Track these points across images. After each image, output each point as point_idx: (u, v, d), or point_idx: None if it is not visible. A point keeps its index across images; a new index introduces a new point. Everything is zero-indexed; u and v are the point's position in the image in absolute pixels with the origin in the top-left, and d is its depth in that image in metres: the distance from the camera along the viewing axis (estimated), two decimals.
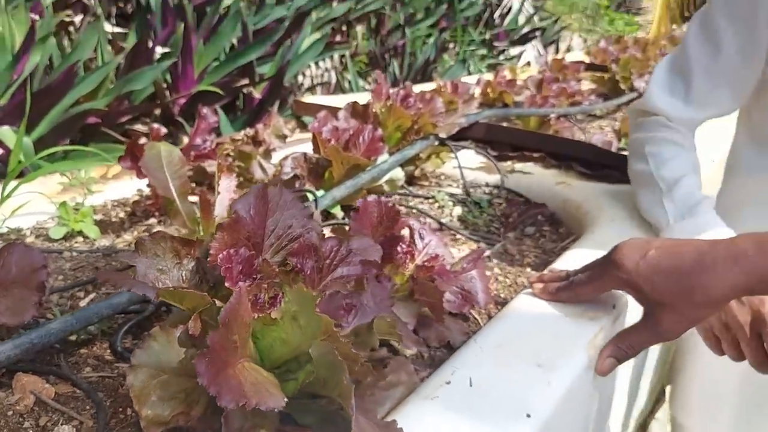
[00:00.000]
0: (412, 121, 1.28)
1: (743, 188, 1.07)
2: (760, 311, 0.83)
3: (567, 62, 2.84)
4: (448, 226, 1.13)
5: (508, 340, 0.71)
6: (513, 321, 0.76)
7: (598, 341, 0.73)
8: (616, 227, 1.04)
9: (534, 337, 0.72)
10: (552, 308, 0.78)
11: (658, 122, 1.06)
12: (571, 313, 0.77)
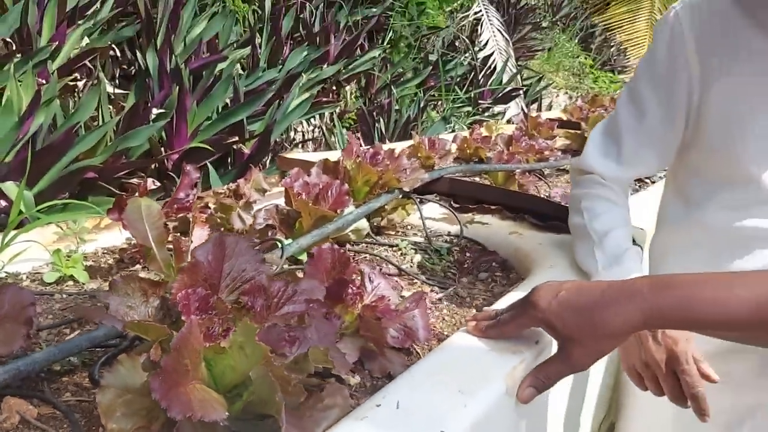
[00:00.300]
0: (378, 176, 1.41)
1: (670, 237, 1.18)
2: (673, 350, 0.93)
3: (542, 120, 3.00)
4: (407, 271, 1.23)
5: (438, 370, 0.81)
6: (446, 354, 0.86)
7: (518, 372, 0.82)
8: (555, 272, 1.15)
9: (461, 367, 0.82)
10: (482, 343, 0.88)
11: (593, 180, 1.18)
12: (498, 347, 0.87)
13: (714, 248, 1.08)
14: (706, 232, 1.10)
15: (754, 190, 1.02)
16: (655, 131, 1.11)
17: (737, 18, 1.02)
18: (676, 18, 1.07)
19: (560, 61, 7.34)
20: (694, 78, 1.05)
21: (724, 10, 1.03)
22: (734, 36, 1.02)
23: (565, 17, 8.66)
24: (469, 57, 4.76)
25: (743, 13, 1.02)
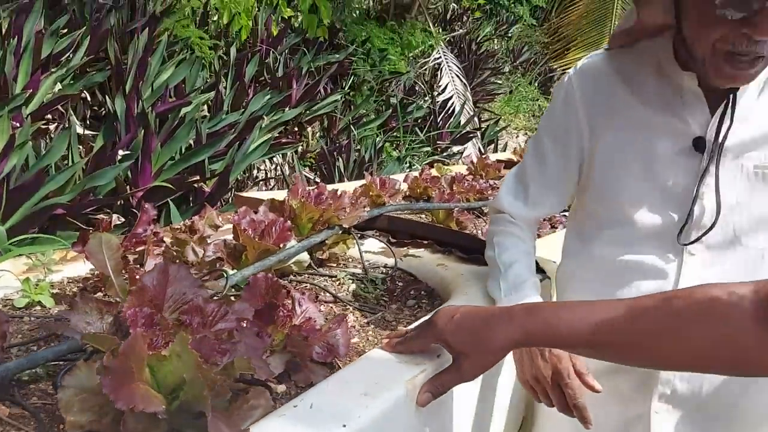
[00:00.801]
0: (320, 214, 1.57)
1: (570, 268, 1.35)
2: (557, 366, 1.10)
3: (490, 161, 3.21)
4: (341, 299, 1.39)
5: (350, 378, 0.97)
6: (359, 365, 1.02)
7: (418, 380, 0.98)
8: (468, 299, 1.32)
9: (369, 376, 0.97)
10: (391, 357, 1.04)
11: (505, 219, 1.35)
12: (404, 360, 1.02)
13: (603, 280, 1.26)
14: (595, 265, 1.27)
15: (631, 229, 1.19)
16: (555, 178, 1.30)
17: (617, 84, 1.21)
18: (570, 82, 1.26)
19: (520, 104, 7.67)
20: (584, 133, 1.24)
21: (607, 77, 1.22)
22: (615, 98, 1.20)
23: (526, 62, 9.05)
24: (429, 100, 5.00)
25: (621, 79, 1.21)
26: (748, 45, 0.97)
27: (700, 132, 1.13)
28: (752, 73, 1.02)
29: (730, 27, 0.97)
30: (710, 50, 1.01)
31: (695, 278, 1.14)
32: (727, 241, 1.14)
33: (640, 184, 1.18)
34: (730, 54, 1.00)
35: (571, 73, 1.27)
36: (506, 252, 1.30)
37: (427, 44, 5.53)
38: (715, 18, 0.97)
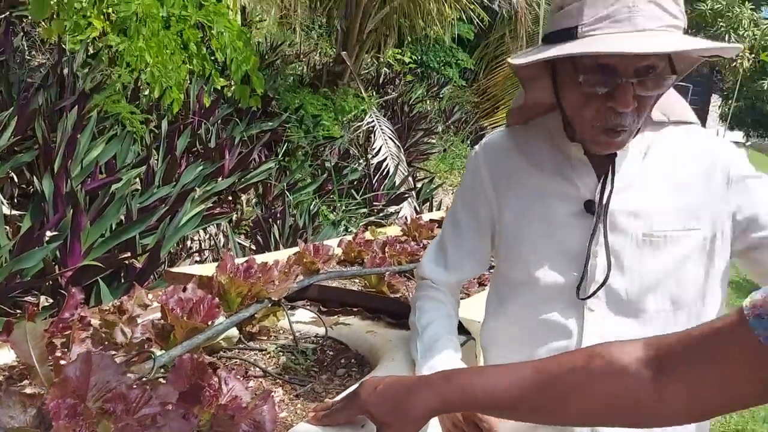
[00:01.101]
0: (249, 288, 1.60)
1: (492, 329, 1.42)
2: None
3: (423, 222, 3.30)
4: (271, 373, 1.42)
5: None
6: None
7: None
8: (395, 365, 1.37)
9: None
10: (317, 430, 1.07)
11: (427, 284, 1.42)
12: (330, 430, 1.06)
13: (519, 339, 1.33)
14: (512, 324, 1.34)
15: (538, 289, 1.28)
16: (471, 244, 1.38)
17: (516, 156, 1.31)
18: (477, 156, 1.36)
19: (454, 161, 7.93)
20: (492, 202, 1.33)
21: (508, 151, 1.33)
22: (515, 169, 1.31)
23: (457, 121, 9.39)
24: (364, 163, 5.13)
25: (520, 151, 1.32)
26: (615, 117, 1.09)
27: (590, 195, 1.22)
28: (620, 141, 1.14)
29: (598, 103, 1.09)
30: (583, 123, 1.14)
31: (596, 334, 1.22)
32: (623, 301, 1.22)
33: (542, 246, 1.27)
34: (601, 127, 1.12)
35: (477, 148, 1.37)
36: (425, 315, 1.37)
37: (360, 109, 5.70)
38: (585, 97, 1.10)
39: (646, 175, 1.23)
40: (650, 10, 1.03)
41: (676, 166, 1.23)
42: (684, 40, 1.05)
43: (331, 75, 6.20)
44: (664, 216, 1.21)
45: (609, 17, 1.04)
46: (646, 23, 1.03)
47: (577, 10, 1.07)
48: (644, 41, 1.02)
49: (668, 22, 1.04)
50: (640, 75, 1.06)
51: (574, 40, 1.06)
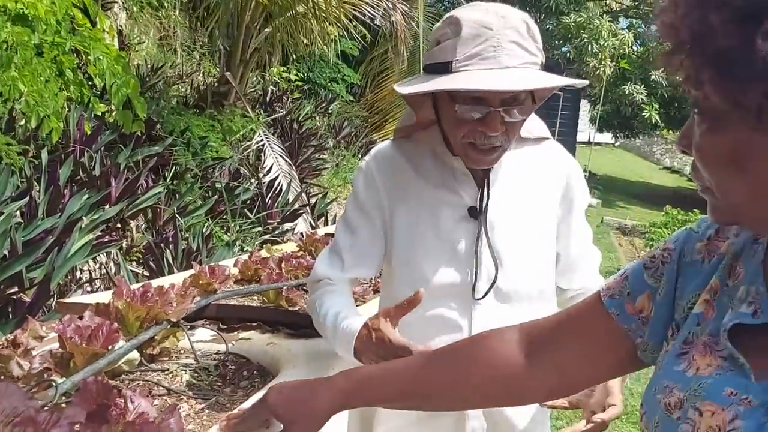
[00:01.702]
0: (147, 311, 1.64)
1: None
2: None
3: (318, 236, 3.38)
4: (175, 390, 1.46)
5: None
6: None
7: None
8: (296, 371, 1.45)
9: None
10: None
11: (322, 284, 1.47)
12: None
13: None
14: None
15: (431, 290, 1.39)
16: (365, 247, 1.47)
17: (405, 167, 1.45)
18: (369, 166, 1.47)
19: (346, 176, 8.07)
20: (385, 208, 1.44)
21: (397, 161, 1.45)
22: (405, 179, 1.44)
23: (348, 136, 9.56)
24: (255, 182, 5.16)
25: (408, 162, 1.45)
26: (485, 139, 1.26)
27: (472, 202, 1.39)
28: (493, 158, 1.32)
29: (470, 126, 1.26)
30: (459, 143, 1.30)
31: (483, 326, 1.36)
32: (505, 293, 1.39)
33: (433, 249, 1.41)
34: (473, 145, 1.28)
35: (368, 159, 1.49)
36: (325, 303, 1.42)
37: (248, 128, 5.72)
38: (459, 119, 1.26)
39: (517, 183, 1.43)
40: (512, 49, 1.21)
41: (538, 176, 1.44)
42: (538, 78, 1.24)
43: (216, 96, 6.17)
44: (531, 218, 1.42)
45: (478, 55, 1.21)
46: (508, 61, 1.21)
47: (451, 47, 1.24)
48: (506, 78, 1.20)
49: (527, 59, 1.23)
50: (506, 104, 1.24)
51: (449, 74, 1.23)
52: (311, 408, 0.98)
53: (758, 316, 0.65)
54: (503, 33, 1.21)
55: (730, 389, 0.64)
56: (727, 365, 0.67)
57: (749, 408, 0.61)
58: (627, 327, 0.85)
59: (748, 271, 0.71)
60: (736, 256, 0.74)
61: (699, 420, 0.65)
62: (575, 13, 14.07)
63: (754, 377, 0.63)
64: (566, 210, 1.44)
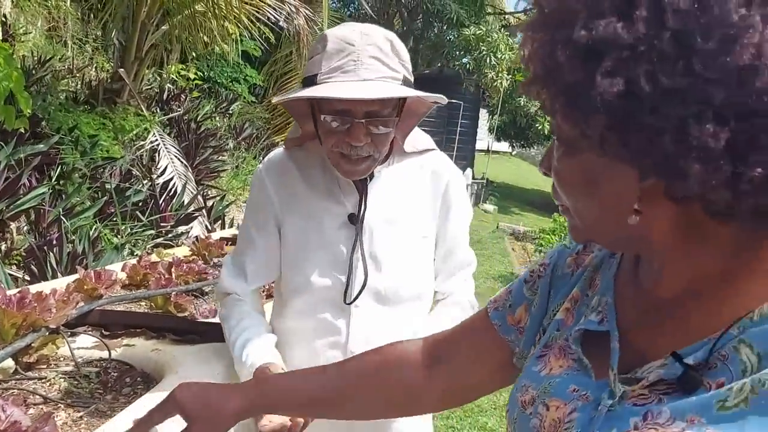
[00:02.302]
0: (24, 318, 1.58)
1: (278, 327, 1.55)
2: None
3: (212, 240, 3.35)
4: (52, 399, 1.43)
5: None
6: None
7: None
8: (179, 377, 1.46)
9: None
10: None
11: (232, 299, 1.53)
12: None
13: (301, 336, 1.50)
14: (293, 324, 1.51)
15: (313, 292, 1.45)
16: (265, 254, 1.52)
17: (295, 175, 1.50)
18: (262, 174, 1.52)
19: (246, 178, 7.96)
20: (278, 215, 1.49)
21: (288, 170, 1.50)
22: (294, 186, 1.49)
23: (249, 138, 9.43)
24: (149, 183, 5.01)
25: (298, 171, 1.50)
26: (351, 149, 1.33)
27: (353, 210, 1.46)
28: (364, 168, 1.39)
29: (338, 137, 1.33)
30: (330, 153, 1.37)
31: (362, 330, 1.45)
32: (382, 296, 1.47)
33: (316, 255, 1.47)
34: (342, 155, 1.35)
35: (261, 167, 1.54)
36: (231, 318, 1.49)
37: (142, 127, 5.54)
38: (329, 132, 1.33)
39: (396, 191, 1.50)
40: (371, 63, 1.29)
41: (418, 184, 1.52)
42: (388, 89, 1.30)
43: (108, 92, 5.94)
44: (409, 225, 1.50)
45: (340, 68, 1.29)
46: (367, 75, 1.28)
47: (318, 61, 1.32)
48: (358, 88, 1.27)
49: (387, 74, 1.31)
50: (370, 116, 1.31)
51: (314, 86, 1.30)
52: (218, 410, 0.98)
53: (603, 324, 0.74)
54: (364, 49, 1.29)
55: (574, 386, 0.72)
56: (575, 366, 0.75)
57: (586, 403, 0.69)
58: (507, 338, 0.93)
59: (603, 282, 0.80)
60: (596, 268, 0.83)
61: (546, 414, 0.72)
62: (475, 26, 14.58)
63: (594, 376, 0.72)
64: (443, 217, 1.53)
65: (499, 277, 7.78)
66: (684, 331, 0.64)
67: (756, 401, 0.55)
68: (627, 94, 0.55)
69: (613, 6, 0.56)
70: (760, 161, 0.53)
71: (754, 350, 0.57)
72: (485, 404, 4.23)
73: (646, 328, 0.70)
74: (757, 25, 0.52)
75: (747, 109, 0.52)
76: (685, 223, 0.63)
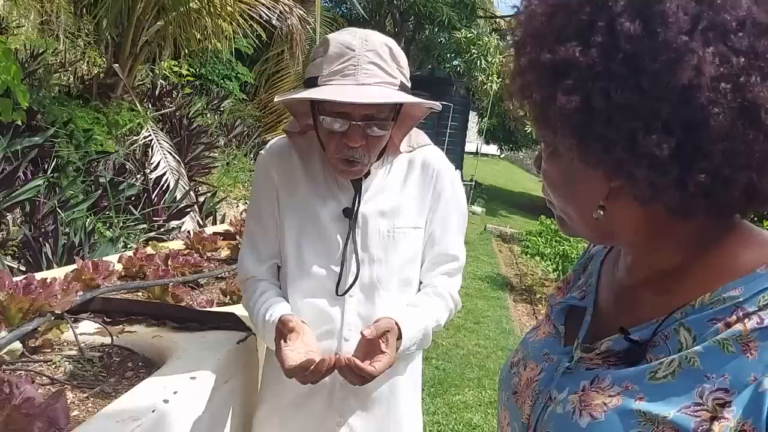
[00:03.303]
0: (31, 303, 1.64)
1: None
2: None
3: (206, 234, 3.41)
4: (58, 380, 1.49)
5: None
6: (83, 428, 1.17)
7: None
8: (182, 361, 1.53)
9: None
10: (111, 416, 1.21)
11: (252, 281, 1.59)
12: (123, 418, 1.20)
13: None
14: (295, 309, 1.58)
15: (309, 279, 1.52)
16: (273, 232, 1.58)
17: (297, 163, 1.56)
18: (264, 158, 1.59)
19: (237, 175, 8.00)
20: (279, 196, 1.55)
21: (290, 156, 1.57)
22: (295, 174, 1.56)
23: (240, 135, 9.46)
24: (142, 178, 5.05)
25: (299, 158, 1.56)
26: (349, 151, 1.41)
27: (347, 203, 1.53)
28: (359, 170, 1.46)
29: (337, 138, 1.40)
30: (331, 156, 1.44)
31: (355, 314, 1.52)
32: (374, 287, 1.54)
33: (311, 246, 1.54)
34: (340, 158, 1.43)
35: (264, 152, 1.60)
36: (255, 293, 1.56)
37: (136, 122, 5.58)
38: (328, 133, 1.41)
39: (391, 185, 1.57)
40: (370, 69, 1.36)
41: (409, 178, 1.58)
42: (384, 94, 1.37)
43: (102, 87, 5.96)
44: (401, 216, 1.56)
45: (340, 72, 1.36)
46: (365, 79, 1.36)
47: (319, 64, 1.39)
48: (356, 92, 1.34)
49: (384, 79, 1.38)
50: (367, 119, 1.38)
51: (315, 87, 1.37)
52: None
53: (583, 300, 0.86)
54: (364, 55, 1.36)
55: (546, 350, 0.84)
56: (552, 333, 0.87)
57: (551, 364, 0.81)
58: None
59: (593, 268, 0.91)
60: (591, 257, 0.95)
61: (523, 373, 0.84)
62: (466, 29, 14.69)
63: (564, 343, 0.82)
64: (433, 208, 1.59)
65: (486, 278, 7.88)
66: (638, 314, 0.74)
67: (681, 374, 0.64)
68: (584, 108, 0.63)
69: (575, 32, 0.64)
70: (704, 167, 0.61)
71: (691, 333, 0.66)
72: (471, 401, 4.31)
73: (614, 309, 0.81)
74: (698, 48, 0.60)
75: (691, 122, 0.60)
76: (649, 221, 0.72)
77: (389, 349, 1.35)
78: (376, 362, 1.32)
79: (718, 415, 0.60)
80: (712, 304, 0.66)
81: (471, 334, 5.74)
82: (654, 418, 0.63)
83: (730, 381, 0.60)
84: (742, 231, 0.71)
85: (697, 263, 0.70)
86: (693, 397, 0.62)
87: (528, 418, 0.79)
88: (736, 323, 0.63)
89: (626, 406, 0.66)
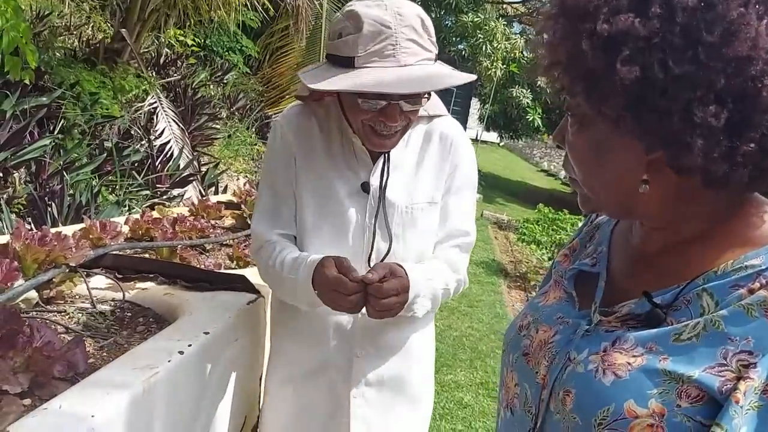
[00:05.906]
0: (46, 254, 1.68)
1: None
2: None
3: (211, 203, 3.43)
4: (73, 329, 1.53)
5: (90, 387, 1.15)
6: (97, 377, 1.20)
7: (152, 380, 1.20)
8: (194, 317, 1.56)
9: (107, 383, 1.17)
10: (126, 364, 1.24)
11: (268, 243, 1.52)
12: (140, 366, 1.24)
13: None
14: None
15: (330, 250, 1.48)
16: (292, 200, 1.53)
17: (314, 130, 1.52)
18: (281, 124, 1.54)
19: (239, 148, 8.01)
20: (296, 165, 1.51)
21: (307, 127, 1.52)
22: (311, 142, 1.51)
23: (242, 108, 9.43)
24: (146, 144, 5.06)
25: (317, 127, 1.52)
26: (385, 127, 1.39)
27: (366, 178, 1.51)
28: (393, 141, 1.44)
29: (371, 114, 1.37)
30: (360, 126, 1.42)
31: None
32: (392, 259, 1.51)
33: (326, 220, 1.51)
34: (373, 129, 1.40)
35: (281, 119, 1.56)
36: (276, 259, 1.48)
37: (141, 89, 5.57)
38: (360, 107, 1.37)
39: (408, 158, 1.55)
40: (409, 47, 1.32)
41: (428, 151, 1.57)
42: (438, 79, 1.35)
43: (108, 52, 5.94)
44: (418, 191, 1.55)
45: (378, 53, 1.31)
46: (407, 59, 1.32)
47: (353, 42, 1.32)
48: (408, 79, 1.31)
49: (424, 56, 1.35)
50: (404, 97, 1.36)
51: (353, 69, 1.32)
52: None
53: (595, 267, 0.88)
54: (401, 32, 1.31)
55: (560, 314, 0.86)
56: (565, 298, 0.89)
57: (567, 327, 0.83)
58: None
59: (600, 235, 0.94)
60: (597, 226, 0.97)
61: (535, 336, 0.86)
62: (473, 13, 14.64)
63: (578, 307, 0.85)
64: (449, 181, 1.57)
65: (481, 263, 7.94)
66: (659, 279, 0.76)
67: (706, 336, 0.67)
68: (642, 79, 0.65)
69: (631, 3, 0.66)
70: (753, 137, 0.64)
71: (713, 298, 0.69)
72: (462, 381, 4.38)
73: (630, 275, 0.83)
74: (753, 21, 0.62)
75: (743, 93, 0.63)
76: (680, 192, 0.74)
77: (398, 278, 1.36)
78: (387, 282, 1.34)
79: (743, 376, 0.63)
80: (734, 271, 0.69)
81: (464, 317, 5.81)
82: (679, 377, 0.66)
83: (754, 344, 0.64)
84: (759, 203, 0.74)
85: (720, 232, 0.73)
86: (717, 358, 0.65)
87: (544, 378, 0.81)
88: (760, 290, 0.66)
89: (651, 365, 0.68)
